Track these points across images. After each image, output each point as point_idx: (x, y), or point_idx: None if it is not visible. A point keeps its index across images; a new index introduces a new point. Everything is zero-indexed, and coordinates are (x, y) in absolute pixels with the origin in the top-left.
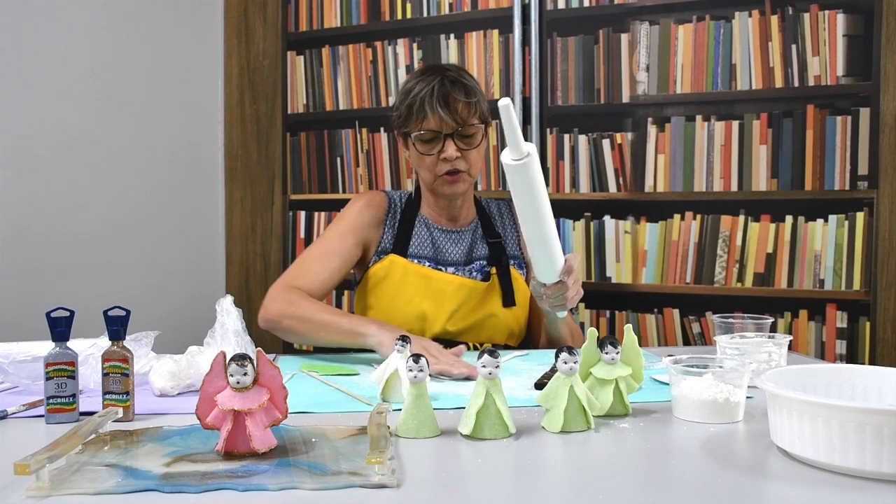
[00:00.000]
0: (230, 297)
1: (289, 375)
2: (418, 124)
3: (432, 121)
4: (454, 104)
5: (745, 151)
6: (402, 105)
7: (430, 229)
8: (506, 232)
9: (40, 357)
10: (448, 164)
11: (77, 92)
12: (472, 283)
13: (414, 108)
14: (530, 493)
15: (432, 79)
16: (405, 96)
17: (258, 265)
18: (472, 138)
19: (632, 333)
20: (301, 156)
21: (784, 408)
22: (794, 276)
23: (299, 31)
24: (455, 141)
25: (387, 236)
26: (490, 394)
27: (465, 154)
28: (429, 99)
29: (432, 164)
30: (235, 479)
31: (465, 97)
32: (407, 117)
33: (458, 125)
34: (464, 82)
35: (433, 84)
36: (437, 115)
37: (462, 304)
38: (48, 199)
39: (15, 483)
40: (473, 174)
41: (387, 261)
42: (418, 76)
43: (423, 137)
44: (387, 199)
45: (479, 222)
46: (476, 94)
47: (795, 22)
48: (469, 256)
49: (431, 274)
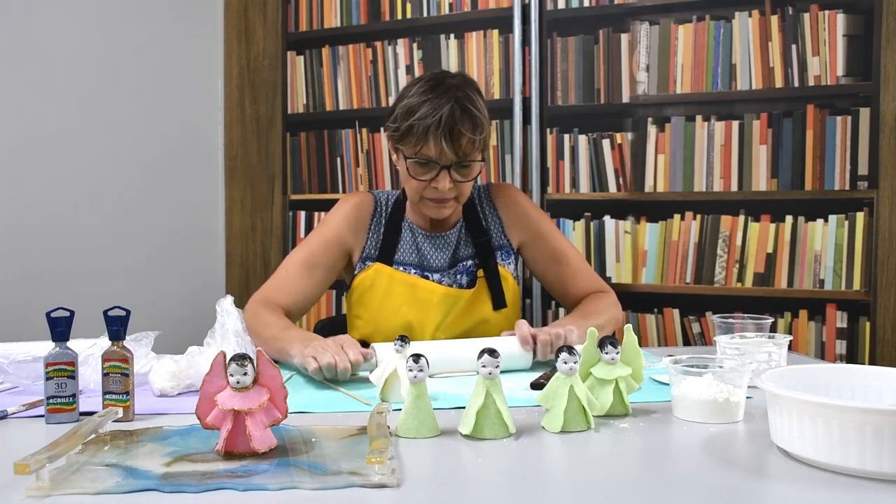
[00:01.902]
0: (230, 297)
1: (288, 375)
2: (416, 148)
3: (432, 150)
4: (459, 138)
5: (745, 151)
6: (402, 121)
7: (416, 234)
8: (489, 223)
9: (40, 357)
10: (438, 192)
11: (77, 92)
12: (456, 292)
13: (415, 132)
14: (530, 493)
15: (441, 104)
16: (408, 114)
17: (258, 265)
18: (470, 171)
19: (632, 333)
20: (301, 156)
21: (784, 408)
22: (794, 276)
23: (299, 31)
24: (451, 173)
25: (371, 242)
26: (490, 394)
27: (457, 185)
28: (434, 129)
29: (420, 188)
30: (235, 478)
31: (472, 132)
32: (405, 136)
33: (458, 159)
34: (473, 113)
35: (441, 112)
36: (439, 147)
37: (448, 314)
38: (48, 199)
39: (15, 483)
40: (461, 201)
41: (372, 269)
42: (425, 94)
43: (418, 163)
44: (373, 201)
45: (465, 222)
46: (483, 129)
47: (795, 22)
48: (454, 259)
49: (417, 283)
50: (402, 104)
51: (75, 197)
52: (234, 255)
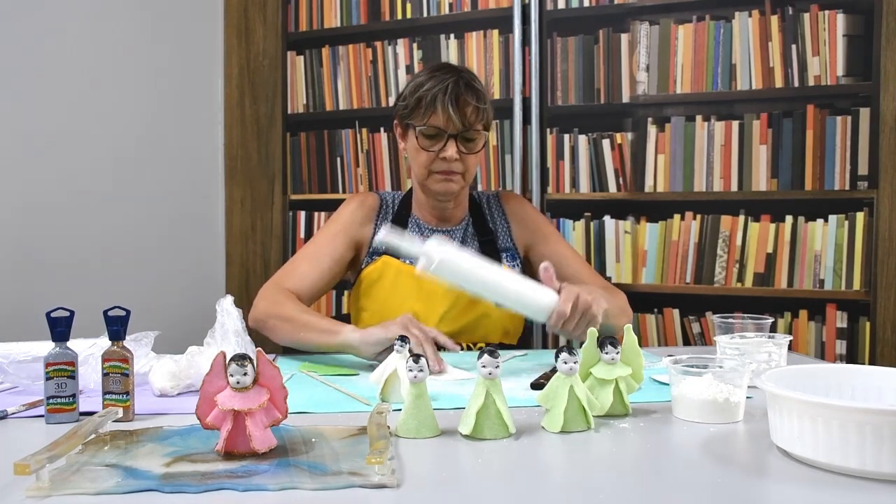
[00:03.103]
0: (230, 297)
1: (288, 375)
2: (424, 118)
3: (440, 117)
4: (464, 106)
5: (745, 151)
6: (411, 96)
7: (423, 229)
8: (496, 225)
9: (40, 357)
10: (445, 163)
11: (77, 91)
12: None
13: (423, 102)
14: (530, 493)
15: (447, 77)
16: (416, 88)
17: (258, 265)
18: (475, 143)
19: (632, 333)
20: (301, 156)
21: (784, 408)
22: (794, 276)
23: (299, 31)
24: (457, 142)
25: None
26: (490, 394)
27: (463, 157)
28: (441, 96)
29: (429, 161)
30: (235, 479)
31: (477, 101)
32: (414, 109)
33: (463, 127)
34: (476, 87)
35: (448, 83)
36: (446, 114)
37: (453, 305)
38: (48, 199)
39: (15, 483)
40: (468, 178)
41: (380, 262)
42: (432, 72)
43: (426, 132)
44: (378, 199)
45: (472, 219)
46: (486, 101)
47: (795, 22)
48: None
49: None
50: (411, 84)
51: (75, 196)
52: (234, 255)
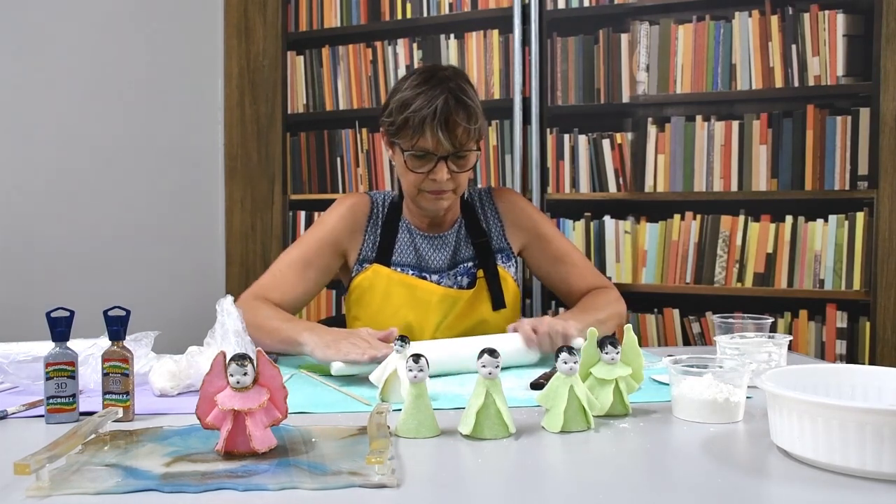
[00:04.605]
0: (230, 297)
1: (288, 375)
2: (412, 141)
3: (429, 141)
4: (455, 128)
5: (745, 151)
6: (398, 114)
7: (413, 235)
8: (489, 225)
9: (40, 357)
10: (436, 184)
11: (77, 91)
12: (455, 292)
13: (411, 124)
14: (530, 493)
15: (435, 95)
16: (402, 107)
17: (258, 265)
18: (466, 161)
19: (632, 333)
20: (301, 156)
21: (784, 408)
22: (794, 276)
23: (299, 31)
24: (448, 164)
25: (368, 243)
26: (490, 394)
27: (454, 176)
28: (430, 120)
29: (418, 181)
30: (235, 479)
31: (467, 121)
32: (401, 129)
33: (454, 149)
34: (467, 103)
35: (436, 103)
36: (436, 138)
37: (447, 315)
38: (48, 199)
39: (15, 483)
40: (459, 192)
41: (370, 271)
42: (418, 87)
43: (415, 155)
44: (369, 202)
45: (464, 221)
46: (478, 118)
47: (795, 22)
48: (453, 260)
49: (416, 283)
50: (396, 98)
51: (75, 197)
52: (234, 255)
